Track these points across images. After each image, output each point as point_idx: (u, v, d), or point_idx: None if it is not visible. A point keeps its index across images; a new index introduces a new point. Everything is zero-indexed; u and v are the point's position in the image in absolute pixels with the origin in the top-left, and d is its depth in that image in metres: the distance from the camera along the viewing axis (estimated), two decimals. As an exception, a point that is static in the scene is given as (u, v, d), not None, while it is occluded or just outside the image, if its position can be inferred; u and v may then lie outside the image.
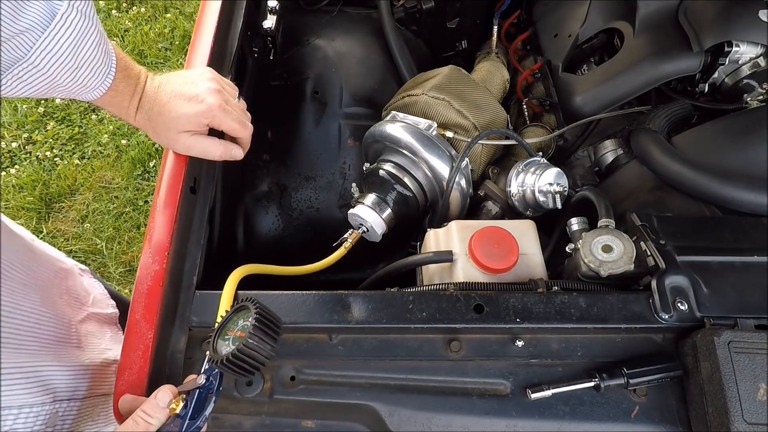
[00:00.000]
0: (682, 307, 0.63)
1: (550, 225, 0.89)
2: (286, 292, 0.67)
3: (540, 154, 0.93)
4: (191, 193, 0.75)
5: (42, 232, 1.98)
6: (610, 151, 0.96)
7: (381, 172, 0.88)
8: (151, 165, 2.17)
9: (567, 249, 0.72)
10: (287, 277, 0.77)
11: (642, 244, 0.68)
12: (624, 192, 0.89)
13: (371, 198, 0.86)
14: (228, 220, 0.97)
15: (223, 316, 0.56)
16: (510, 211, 0.91)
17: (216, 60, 0.87)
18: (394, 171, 0.88)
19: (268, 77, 1.10)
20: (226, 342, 0.53)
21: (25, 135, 2.26)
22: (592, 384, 0.63)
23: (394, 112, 0.93)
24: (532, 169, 0.86)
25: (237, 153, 0.77)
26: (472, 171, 0.91)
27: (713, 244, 0.69)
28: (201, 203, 0.76)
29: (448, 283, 0.69)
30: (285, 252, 1.01)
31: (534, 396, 0.62)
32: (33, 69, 0.56)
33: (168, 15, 2.60)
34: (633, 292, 0.67)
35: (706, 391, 0.59)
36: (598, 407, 0.63)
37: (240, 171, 1.02)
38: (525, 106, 1.09)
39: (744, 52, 0.84)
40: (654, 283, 0.65)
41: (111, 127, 2.27)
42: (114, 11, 2.62)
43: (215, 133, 0.76)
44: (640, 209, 0.77)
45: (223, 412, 0.64)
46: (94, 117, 2.32)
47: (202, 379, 0.54)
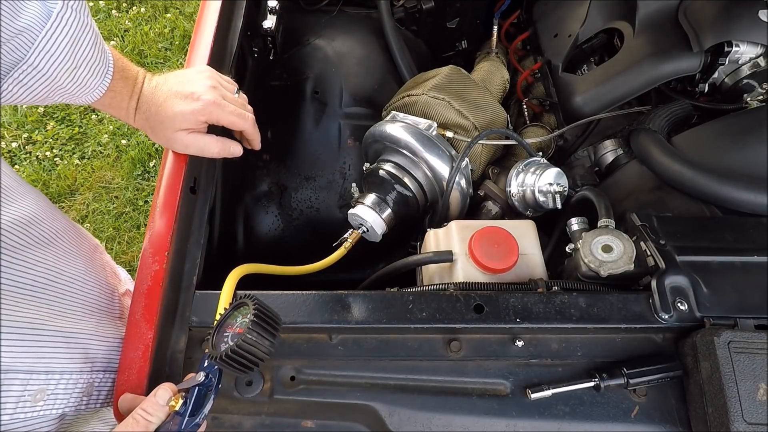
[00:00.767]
0: (682, 307, 0.63)
1: (550, 225, 0.89)
2: (286, 292, 0.67)
3: (540, 154, 0.93)
4: (191, 193, 0.75)
5: (42, 232, 1.98)
6: (610, 151, 0.96)
7: (381, 172, 0.88)
8: (151, 165, 2.17)
9: (567, 249, 0.72)
10: (287, 277, 0.77)
11: (642, 244, 0.68)
12: (624, 192, 0.89)
13: (371, 198, 0.86)
14: (228, 220, 0.97)
15: (222, 313, 0.56)
16: (510, 211, 0.91)
17: (216, 60, 0.87)
18: (394, 171, 0.88)
19: (268, 77, 1.10)
20: (224, 339, 0.53)
21: (25, 135, 2.26)
22: (592, 384, 0.63)
23: (394, 112, 0.93)
24: (532, 169, 0.86)
25: (236, 149, 0.77)
26: (472, 171, 0.91)
27: (713, 244, 0.69)
28: (201, 203, 0.76)
29: (448, 283, 0.69)
30: (285, 252, 1.01)
31: (534, 396, 0.62)
32: (33, 71, 0.57)
33: (168, 15, 2.60)
34: (633, 292, 0.67)
35: (706, 391, 0.59)
36: (598, 407, 0.63)
37: (240, 171, 1.02)
38: (525, 106, 1.09)
39: (744, 52, 0.84)
40: (654, 283, 0.65)
41: (111, 127, 2.27)
42: (114, 11, 2.62)
43: (219, 132, 0.76)
44: (640, 209, 0.77)
45: (223, 412, 0.64)
46: (94, 117, 2.32)
47: (201, 377, 0.54)
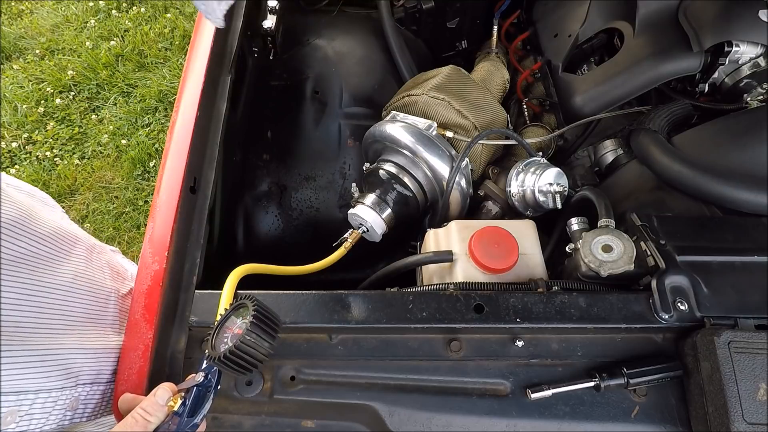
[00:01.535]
0: (682, 307, 0.63)
1: (550, 225, 0.88)
2: (286, 292, 0.67)
3: (540, 154, 0.93)
4: (191, 193, 0.75)
5: (42, 232, 1.98)
6: (610, 151, 0.96)
7: (381, 172, 0.88)
8: (151, 165, 2.17)
9: (567, 249, 0.72)
10: (287, 277, 0.77)
11: (642, 244, 0.68)
12: (624, 192, 0.89)
13: (371, 198, 0.86)
14: (228, 220, 0.97)
15: (222, 314, 0.56)
16: (510, 211, 0.91)
17: (216, 60, 0.87)
18: (394, 171, 0.88)
19: (268, 77, 1.10)
20: (224, 339, 0.53)
21: (25, 135, 2.26)
22: (592, 384, 0.63)
23: (394, 112, 0.93)
24: (532, 169, 0.86)
25: None
26: (472, 171, 0.91)
27: (713, 244, 0.69)
28: (201, 203, 0.76)
29: (448, 283, 0.69)
30: (285, 252, 1.01)
31: (534, 396, 0.62)
32: None
33: (168, 15, 2.60)
34: (633, 292, 0.67)
35: (706, 391, 0.59)
36: (598, 407, 0.63)
37: (240, 171, 1.02)
38: (525, 106, 1.09)
39: (744, 52, 0.84)
40: (654, 283, 0.64)
41: (111, 127, 2.27)
42: (114, 11, 2.62)
43: None
44: (640, 209, 0.77)
45: (223, 411, 0.64)
46: (94, 117, 2.32)
47: (200, 377, 0.54)
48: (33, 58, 2.50)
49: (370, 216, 0.84)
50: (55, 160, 2.20)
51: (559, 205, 0.83)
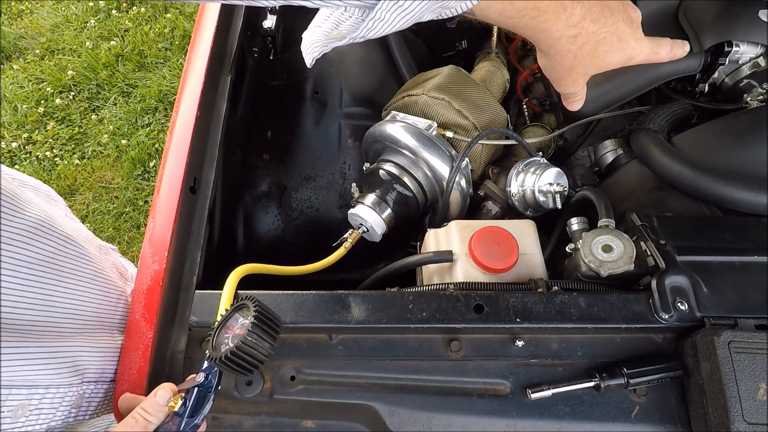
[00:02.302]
0: (682, 307, 0.63)
1: (550, 225, 0.88)
2: (286, 292, 0.67)
3: (540, 154, 0.93)
4: (191, 193, 0.75)
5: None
6: (610, 151, 0.96)
7: (381, 172, 0.88)
8: (151, 165, 2.17)
9: (567, 249, 0.72)
10: (287, 277, 0.77)
11: (642, 244, 0.68)
12: (624, 192, 0.89)
13: (371, 198, 0.86)
14: (228, 220, 0.97)
15: (223, 314, 0.56)
16: (510, 211, 0.91)
17: (216, 60, 0.87)
18: (394, 171, 0.88)
19: (268, 77, 1.10)
20: (225, 340, 0.53)
21: (25, 135, 2.26)
22: (592, 384, 0.63)
23: (394, 112, 0.93)
24: (532, 169, 0.86)
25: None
26: (472, 171, 0.91)
27: (713, 244, 0.69)
28: (201, 203, 0.76)
29: (448, 283, 0.69)
30: (285, 252, 1.01)
31: (534, 396, 0.62)
32: None
33: (168, 15, 2.60)
34: (633, 292, 0.67)
35: (706, 391, 0.59)
36: (598, 407, 0.63)
37: (240, 171, 1.02)
38: (525, 106, 1.09)
39: (744, 52, 0.84)
40: (654, 283, 0.64)
41: (111, 127, 2.27)
42: (114, 11, 2.62)
43: None
44: (640, 209, 0.77)
45: (223, 411, 0.64)
46: (94, 117, 2.32)
47: (201, 377, 0.54)
48: (33, 58, 2.50)
49: (370, 216, 0.84)
50: (55, 160, 2.20)
51: (559, 205, 0.83)
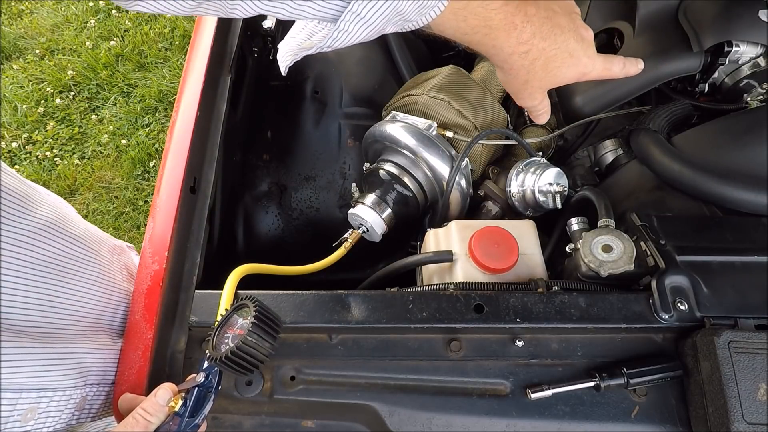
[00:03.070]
0: (682, 307, 0.63)
1: (550, 225, 0.89)
2: (286, 292, 0.67)
3: (540, 154, 0.93)
4: (191, 193, 0.75)
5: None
6: (610, 151, 0.96)
7: (381, 172, 0.88)
8: (151, 165, 2.17)
9: (567, 249, 0.72)
10: (287, 277, 0.77)
11: (642, 244, 0.68)
12: (624, 192, 0.89)
13: (371, 198, 0.86)
14: (228, 220, 0.97)
15: (223, 314, 0.56)
16: (510, 211, 0.91)
17: (216, 60, 0.87)
18: (394, 171, 0.88)
19: (268, 77, 1.10)
20: (225, 340, 0.53)
21: (25, 135, 2.26)
22: (592, 384, 0.63)
23: (394, 112, 0.93)
24: (532, 169, 0.86)
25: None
26: (472, 171, 0.91)
27: (713, 244, 0.69)
28: (201, 203, 0.76)
29: (448, 283, 0.69)
30: (285, 252, 1.01)
31: (534, 396, 0.62)
32: None
33: (168, 15, 2.60)
34: (633, 292, 0.67)
35: (706, 391, 0.59)
36: (598, 407, 0.63)
37: (240, 171, 1.02)
38: (525, 106, 1.09)
39: (744, 52, 0.84)
40: (654, 283, 0.64)
41: (111, 127, 2.27)
42: (114, 11, 2.62)
43: None
44: (640, 209, 0.77)
45: (223, 412, 0.64)
46: (94, 117, 2.32)
47: (201, 377, 0.54)
48: (33, 58, 2.50)
49: (370, 216, 0.84)
50: (55, 160, 2.20)
51: (559, 205, 0.83)
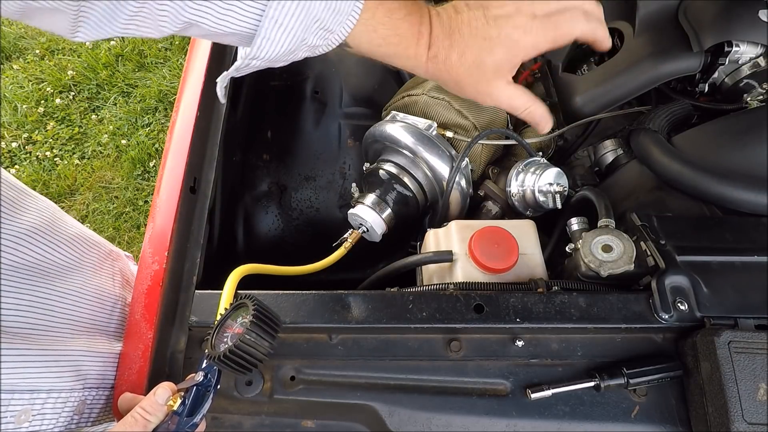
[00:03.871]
0: (682, 307, 0.63)
1: (550, 225, 0.89)
2: (286, 292, 0.67)
3: (540, 154, 0.93)
4: (191, 193, 0.75)
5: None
6: (610, 151, 0.96)
7: (381, 172, 0.88)
8: (151, 165, 2.17)
9: (567, 249, 0.72)
10: (287, 277, 0.77)
11: (642, 244, 0.68)
12: (624, 192, 0.89)
13: (371, 198, 0.86)
14: (228, 220, 0.97)
15: (222, 314, 0.56)
16: (510, 211, 0.91)
17: (216, 60, 0.87)
18: (394, 171, 0.88)
19: (268, 77, 1.10)
20: (224, 339, 0.53)
21: (25, 135, 2.26)
22: (592, 384, 0.63)
23: (394, 112, 0.93)
24: (532, 169, 0.86)
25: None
26: (472, 171, 0.91)
27: (713, 244, 0.69)
28: (201, 203, 0.76)
29: (448, 283, 0.69)
30: (285, 252, 1.01)
31: (534, 396, 0.62)
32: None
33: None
34: (633, 292, 0.67)
35: (706, 391, 0.59)
36: (598, 407, 0.63)
37: (240, 171, 1.02)
38: (525, 106, 1.09)
39: (744, 52, 0.84)
40: (654, 283, 0.64)
41: (111, 127, 2.27)
42: (114, 11, 2.62)
43: None
44: (640, 209, 0.77)
45: (223, 412, 0.64)
46: (94, 117, 2.32)
47: (200, 376, 0.54)
48: (33, 58, 2.50)
49: (370, 216, 0.84)
50: (55, 160, 2.20)
51: (559, 205, 0.83)
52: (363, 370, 0.66)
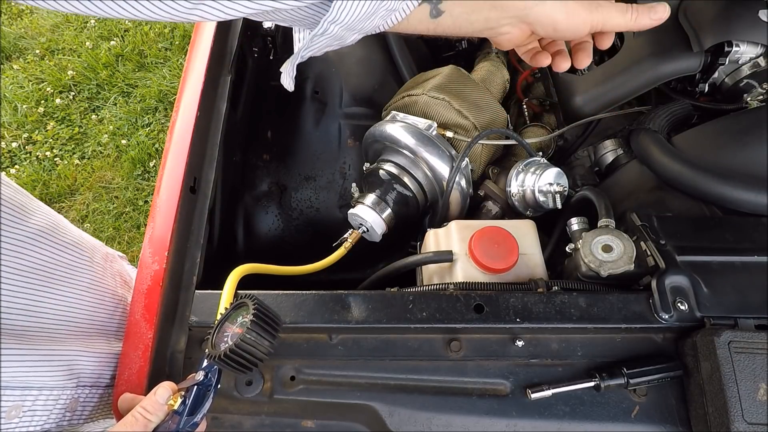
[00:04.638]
0: (682, 307, 0.63)
1: (550, 225, 0.89)
2: (286, 292, 0.67)
3: (540, 154, 0.93)
4: (191, 193, 0.75)
5: (42, 232, 1.98)
6: (610, 151, 0.96)
7: (381, 172, 0.88)
8: (151, 165, 2.17)
9: (567, 249, 0.72)
10: (287, 277, 0.77)
11: (642, 244, 0.68)
12: (624, 192, 0.89)
13: (371, 198, 0.86)
14: (228, 220, 0.97)
15: (222, 313, 0.56)
16: (510, 211, 0.91)
17: (216, 60, 0.87)
18: (394, 171, 0.88)
19: (268, 77, 1.10)
20: (224, 338, 0.53)
21: (25, 135, 2.26)
22: (592, 384, 0.63)
23: (394, 112, 0.93)
24: (532, 169, 0.86)
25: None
26: (472, 171, 0.91)
27: (713, 244, 0.69)
28: (201, 203, 0.76)
29: (448, 283, 0.69)
30: (285, 252, 1.01)
31: (534, 396, 0.62)
32: None
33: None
34: (633, 292, 0.67)
35: (706, 391, 0.59)
36: (598, 407, 0.63)
37: (240, 171, 1.02)
38: (525, 106, 1.09)
39: (744, 52, 0.84)
40: (654, 283, 0.64)
41: (111, 127, 2.27)
42: (114, 11, 2.61)
43: None
44: (640, 209, 0.77)
45: (223, 411, 0.64)
46: (94, 117, 2.32)
47: (200, 376, 0.54)
48: (33, 58, 2.50)
49: (370, 216, 0.84)
50: (55, 160, 2.20)
51: (559, 205, 0.83)
52: (363, 370, 0.66)
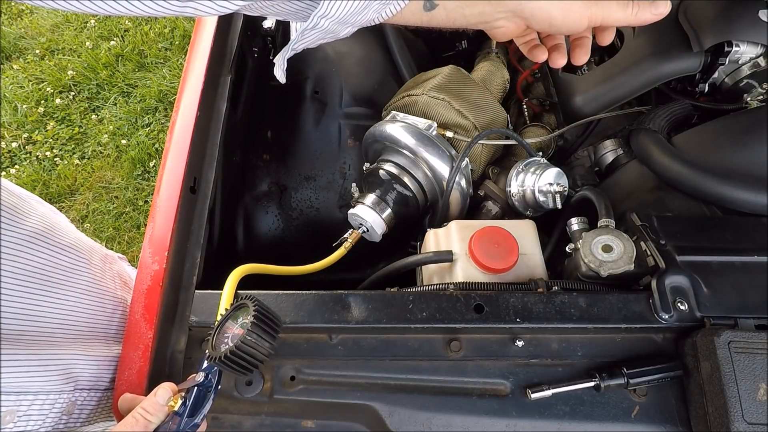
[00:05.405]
0: (682, 307, 0.63)
1: (550, 225, 0.89)
2: (286, 292, 0.67)
3: (540, 154, 0.93)
4: (191, 193, 0.75)
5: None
6: (610, 151, 0.96)
7: (381, 172, 0.88)
8: (151, 165, 2.17)
9: (567, 249, 0.72)
10: (287, 277, 0.77)
11: (642, 244, 0.68)
12: (624, 192, 0.89)
13: (371, 198, 0.86)
14: (228, 220, 0.97)
15: (223, 314, 0.56)
16: (510, 211, 0.91)
17: (216, 60, 0.87)
18: (394, 171, 0.88)
19: (268, 77, 1.10)
20: (225, 340, 0.53)
21: (25, 135, 2.26)
22: (592, 384, 0.63)
23: (394, 112, 0.93)
24: (532, 169, 0.86)
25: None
26: (472, 171, 0.91)
27: (713, 244, 0.69)
28: (201, 203, 0.76)
29: (448, 283, 0.69)
30: (285, 252, 1.01)
31: (534, 396, 0.62)
32: None
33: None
34: (633, 292, 0.67)
35: (706, 391, 0.59)
36: (598, 407, 0.63)
37: (240, 171, 1.02)
38: (525, 106, 1.09)
39: (744, 52, 0.84)
40: (654, 283, 0.65)
41: (111, 127, 2.27)
42: (114, 11, 2.61)
43: None
44: (640, 209, 0.77)
45: (223, 412, 0.64)
46: (94, 117, 2.32)
47: (200, 377, 0.54)
48: (33, 58, 2.50)
49: (370, 216, 0.84)
50: (55, 160, 2.20)
51: (559, 205, 0.83)
52: (363, 370, 0.66)
